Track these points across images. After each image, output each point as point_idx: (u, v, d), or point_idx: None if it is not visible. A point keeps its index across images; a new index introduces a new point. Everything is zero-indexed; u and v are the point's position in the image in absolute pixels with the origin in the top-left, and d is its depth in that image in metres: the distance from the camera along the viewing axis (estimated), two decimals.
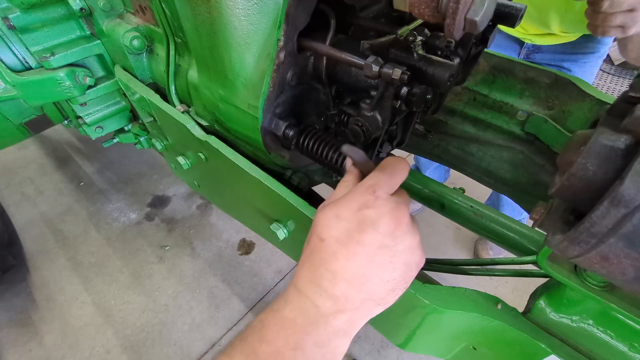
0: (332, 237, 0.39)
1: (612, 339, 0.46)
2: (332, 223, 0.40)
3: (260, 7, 0.45)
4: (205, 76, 0.61)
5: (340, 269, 0.38)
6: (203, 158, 0.74)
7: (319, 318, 0.38)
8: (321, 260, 0.39)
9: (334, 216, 0.40)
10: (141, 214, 2.16)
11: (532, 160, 0.71)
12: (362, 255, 0.38)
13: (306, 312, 0.38)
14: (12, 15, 0.82)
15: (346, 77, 0.51)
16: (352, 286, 0.38)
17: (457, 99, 0.76)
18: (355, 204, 0.39)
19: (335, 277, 0.38)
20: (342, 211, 0.39)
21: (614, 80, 2.94)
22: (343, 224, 0.39)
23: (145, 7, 0.78)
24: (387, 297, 0.40)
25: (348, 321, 0.39)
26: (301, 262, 0.42)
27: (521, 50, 1.22)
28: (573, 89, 0.61)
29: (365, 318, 0.40)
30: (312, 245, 0.41)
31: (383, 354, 1.62)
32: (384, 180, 0.41)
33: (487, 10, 0.31)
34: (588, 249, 0.26)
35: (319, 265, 0.39)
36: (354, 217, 0.39)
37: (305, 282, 0.40)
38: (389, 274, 0.39)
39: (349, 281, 0.38)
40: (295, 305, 0.39)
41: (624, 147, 0.26)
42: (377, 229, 0.38)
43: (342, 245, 0.38)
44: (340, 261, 0.38)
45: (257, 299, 1.78)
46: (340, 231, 0.39)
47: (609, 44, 1.18)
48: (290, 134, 0.55)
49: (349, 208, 0.39)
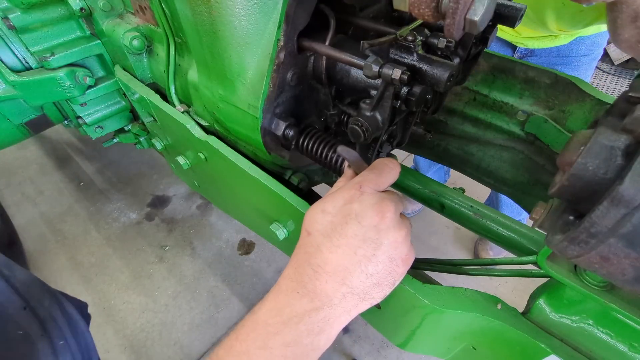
0: (318, 231, 0.40)
1: (612, 339, 0.46)
2: (318, 217, 0.41)
3: (260, 7, 0.45)
4: (205, 76, 0.61)
5: (322, 262, 0.39)
6: (203, 158, 0.74)
7: (290, 317, 0.39)
8: (306, 254, 0.41)
9: (320, 211, 0.41)
10: (141, 214, 2.16)
11: (532, 160, 0.71)
12: (345, 247, 0.39)
13: (279, 313, 0.39)
14: (12, 15, 0.82)
15: (346, 77, 0.51)
16: (333, 279, 0.39)
17: (457, 99, 0.76)
18: (341, 200, 0.41)
19: (316, 271, 0.39)
20: (328, 206, 0.41)
21: (614, 80, 2.94)
22: (328, 218, 0.40)
23: (145, 7, 0.78)
24: (372, 291, 0.40)
25: (324, 319, 0.39)
26: (291, 258, 0.43)
27: (514, 54, 1.21)
28: (573, 89, 0.61)
29: (348, 314, 0.40)
30: (300, 240, 0.42)
31: (383, 354, 1.62)
32: (371, 178, 0.42)
33: (487, 10, 0.31)
34: (588, 249, 0.26)
35: (302, 261, 0.41)
36: (339, 211, 0.40)
37: (287, 280, 0.41)
38: (372, 267, 0.39)
39: (330, 274, 0.39)
40: (270, 306, 0.40)
41: (624, 147, 0.26)
42: (361, 221, 0.39)
43: (326, 238, 0.39)
44: (323, 253, 0.39)
45: (257, 299, 1.78)
46: (325, 225, 0.40)
47: (603, 45, 1.17)
48: (290, 134, 0.55)
49: (335, 203, 0.41)
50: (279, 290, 0.41)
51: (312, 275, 0.39)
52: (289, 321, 0.38)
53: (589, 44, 1.13)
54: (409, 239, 0.42)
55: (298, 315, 0.38)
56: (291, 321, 0.38)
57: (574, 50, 1.14)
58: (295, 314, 0.38)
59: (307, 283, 0.39)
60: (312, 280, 0.39)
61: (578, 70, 1.18)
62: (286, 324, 0.38)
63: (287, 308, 0.39)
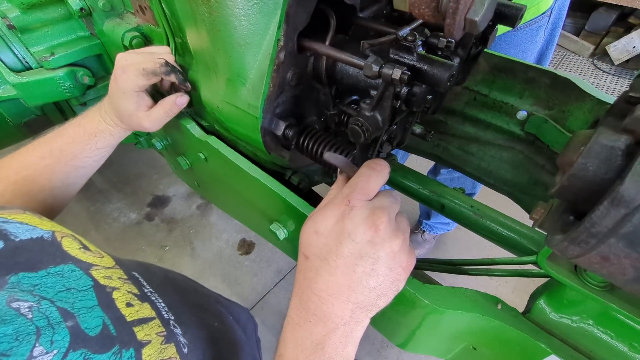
0: (314, 254, 0.40)
1: (612, 339, 0.46)
2: (312, 240, 0.40)
3: (260, 7, 0.45)
4: (205, 76, 0.61)
5: (323, 285, 0.39)
6: (203, 158, 0.74)
7: (314, 346, 0.39)
8: (306, 280, 0.40)
9: (314, 232, 0.40)
10: (141, 214, 2.16)
11: (532, 160, 0.71)
12: (343, 267, 0.38)
13: (303, 347, 0.39)
14: (12, 15, 0.82)
15: (346, 77, 0.51)
16: (338, 301, 0.39)
17: (457, 99, 0.76)
18: (331, 218, 0.40)
19: (320, 296, 0.39)
20: (320, 226, 0.40)
21: (614, 80, 2.94)
22: (322, 239, 0.40)
23: (145, 7, 0.78)
24: (377, 301, 0.40)
25: (343, 334, 0.39)
26: (294, 284, 0.43)
27: None
28: (573, 89, 0.61)
29: (362, 325, 0.41)
30: (299, 265, 0.42)
31: (383, 354, 1.62)
32: (360, 187, 0.41)
33: (487, 10, 0.31)
34: (588, 249, 0.26)
35: (304, 288, 0.40)
36: (331, 231, 0.39)
37: (296, 311, 0.41)
38: (373, 280, 0.39)
39: (334, 296, 0.39)
40: (292, 343, 0.40)
41: (624, 147, 0.26)
42: (355, 239, 0.38)
43: (323, 261, 0.39)
44: (323, 277, 0.39)
45: (257, 299, 1.78)
46: (320, 247, 0.40)
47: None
48: (290, 134, 0.55)
49: (326, 223, 0.40)
50: (293, 324, 0.41)
51: (318, 301, 0.39)
52: (315, 350, 0.39)
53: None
54: (407, 244, 0.41)
55: (320, 342, 0.39)
56: (316, 349, 0.39)
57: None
58: (318, 342, 0.39)
59: (315, 310, 0.39)
60: (319, 305, 0.39)
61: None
62: (314, 353, 0.39)
63: (308, 339, 0.39)
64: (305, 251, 0.41)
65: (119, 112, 0.65)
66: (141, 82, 0.62)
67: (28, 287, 0.32)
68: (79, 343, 0.31)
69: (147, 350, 0.37)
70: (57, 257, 0.38)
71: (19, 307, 0.30)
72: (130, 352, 0.34)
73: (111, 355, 0.32)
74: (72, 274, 0.37)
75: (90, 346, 0.31)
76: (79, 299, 0.34)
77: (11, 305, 0.29)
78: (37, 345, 0.28)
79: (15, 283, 0.32)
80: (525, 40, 1.07)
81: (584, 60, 3.19)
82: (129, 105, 0.64)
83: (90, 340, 0.32)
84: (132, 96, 0.63)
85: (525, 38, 1.06)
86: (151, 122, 0.65)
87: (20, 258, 0.35)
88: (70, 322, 0.32)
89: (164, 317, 0.44)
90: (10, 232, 0.37)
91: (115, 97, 0.64)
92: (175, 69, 0.64)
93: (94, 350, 0.31)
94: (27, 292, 0.32)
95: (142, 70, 0.61)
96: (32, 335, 0.28)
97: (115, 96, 0.64)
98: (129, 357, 0.34)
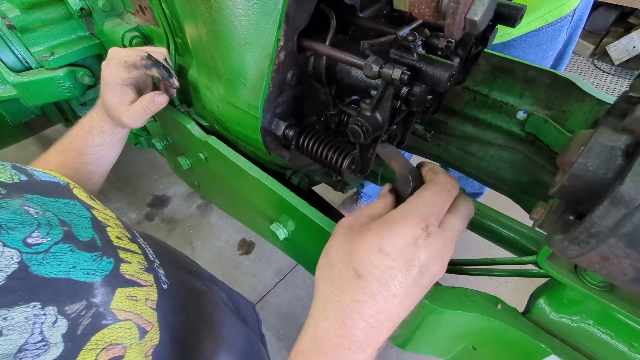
0: (374, 276, 0.35)
1: (612, 339, 0.46)
2: (374, 259, 0.35)
3: (260, 7, 0.45)
4: (205, 76, 0.61)
5: (376, 312, 0.35)
6: (203, 158, 0.74)
7: None
8: (355, 303, 0.35)
9: (377, 250, 0.35)
10: (141, 214, 2.16)
11: (532, 160, 0.71)
12: (403, 296, 0.35)
13: None
14: (12, 15, 0.82)
15: (346, 77, 0.51)
16: (386, 328, 0.36)
17: (457, 99, 0.76)
18: (403, 239, 0.34)
19: (369, 323, 0.35)
20: (387, 245, 0.35)
21: (614, 80, 2.94)
22: (387, 262, 0.34)
23: (145, 7, 0.78)
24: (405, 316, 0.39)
25: (374, 351, 0.37)
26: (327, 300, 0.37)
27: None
28: (573, 89, 0.61)
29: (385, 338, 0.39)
30: (342, 280, 0.36)
31: (383, 354, 1.62)
32: (437, 210, 0.36)
33: (487, 10, 0.31)
34: (588, 249, 0.26)
35: (351, 312, 0.35)
36: (400, 254, 0.34)
37: (334, 337, 0.35)
38: (415, 304, 0.37)
39: (383, 323, 0.36)
40: None
41: (624, 147, 0.26)
42: (424, 272, 0.35)
43: (383, 286, 0.35)
44: (378, 303, 0.35)
45: (257, 299, 1.78)
46: (384, 269, 0.34)
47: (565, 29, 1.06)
48: (290, 134, 0.55)
49: (396, 243, 0.35)
50: (326, 352, 0.35)
51: (365, 328, 0.35)
52: None
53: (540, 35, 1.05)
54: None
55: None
56: None
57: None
58: None
59: (360, 337, 0.35)
60: (366, 332, 0.35)
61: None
62: None
63: None
64: (359, 268, 0.35)
65: (105, 106, 0.66)
66: (123, 74, 0.61)
67: (39, 203, 0.40)
68: (70, 240, 0.38)
69: (125, 266, 0.42)
70: (66, 195, 0.46)
71: (28, 209, 0.38)
72: (110, 260, 0.41)
73: (93, 256, 0.39)
74: (76, 207, 0.44)
75: (78, 245, 0.38)
76: (77, 220, 0.42)
77: (22, 207, 0.37)
78: (36, 231, 0.36)
79: (29, 198, 0.40)
80: (547, 41, 1.06)
81: (583, 60, 3.19)
82: (111, 98, 0.63)
83: (79, 242, 0.39)
84: (114, 89, 0.63)
85: (547, 38, 1.06)
86: (129, 117, 0.65)
87: (36, 187, 0.43)
88: (66, 227, 0.39)
89: (149, 257, 0.50)
90: (34, 174, 0.46)
91: (102, 89, 0.65)
92: (158, 63, 0.62)
93: (80, 248, 0.38)
94: (37, 205, 0.39)
95: (123, 63, 0.60)
96: (34, 225, 0.36)
97: (102, 89, 0.65)
98: (108, 262, 0.40)
